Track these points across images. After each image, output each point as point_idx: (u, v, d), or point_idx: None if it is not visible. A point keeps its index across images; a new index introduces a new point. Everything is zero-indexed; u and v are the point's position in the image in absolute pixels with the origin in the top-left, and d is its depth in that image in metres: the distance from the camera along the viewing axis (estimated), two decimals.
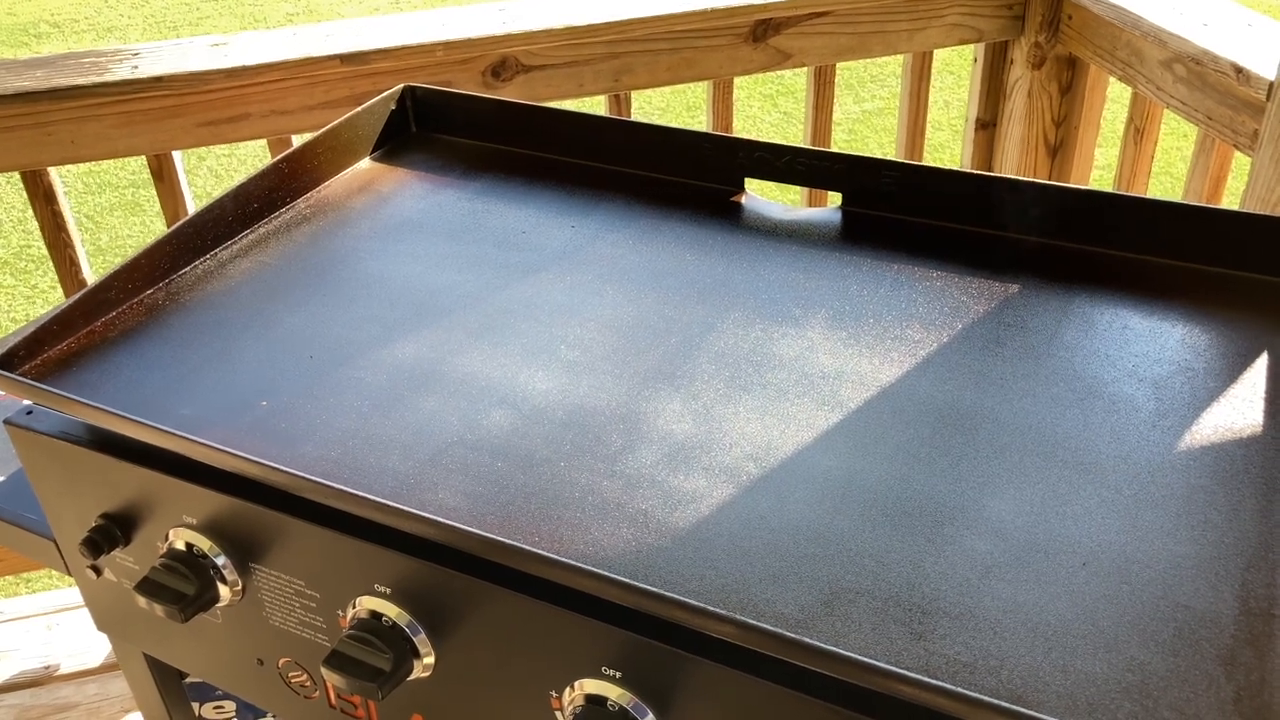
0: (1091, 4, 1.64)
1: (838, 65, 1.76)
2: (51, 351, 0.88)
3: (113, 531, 0.84)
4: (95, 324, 0.91)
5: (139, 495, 0.82)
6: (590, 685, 0.67)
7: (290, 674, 0.85)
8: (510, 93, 1.59)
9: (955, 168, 1.00)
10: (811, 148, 1.04)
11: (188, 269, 0.99)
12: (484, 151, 1.18)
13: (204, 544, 0.79)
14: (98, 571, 0.89)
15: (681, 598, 0.60)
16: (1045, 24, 1.73)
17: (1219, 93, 1.43)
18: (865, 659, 0.57)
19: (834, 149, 1.08)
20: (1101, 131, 1.87)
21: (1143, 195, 0.95)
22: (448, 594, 0.71)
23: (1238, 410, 0.77)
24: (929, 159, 4.32)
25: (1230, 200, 1.81)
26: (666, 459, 0.75)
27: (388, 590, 0.73)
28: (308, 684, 0.85)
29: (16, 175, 1.53)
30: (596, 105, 1.75)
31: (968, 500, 0.71)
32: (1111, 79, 1.73)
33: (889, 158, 1.02)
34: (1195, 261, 0.93)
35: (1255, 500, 0.70)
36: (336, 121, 1.12)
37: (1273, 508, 0.69)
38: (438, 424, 0.79)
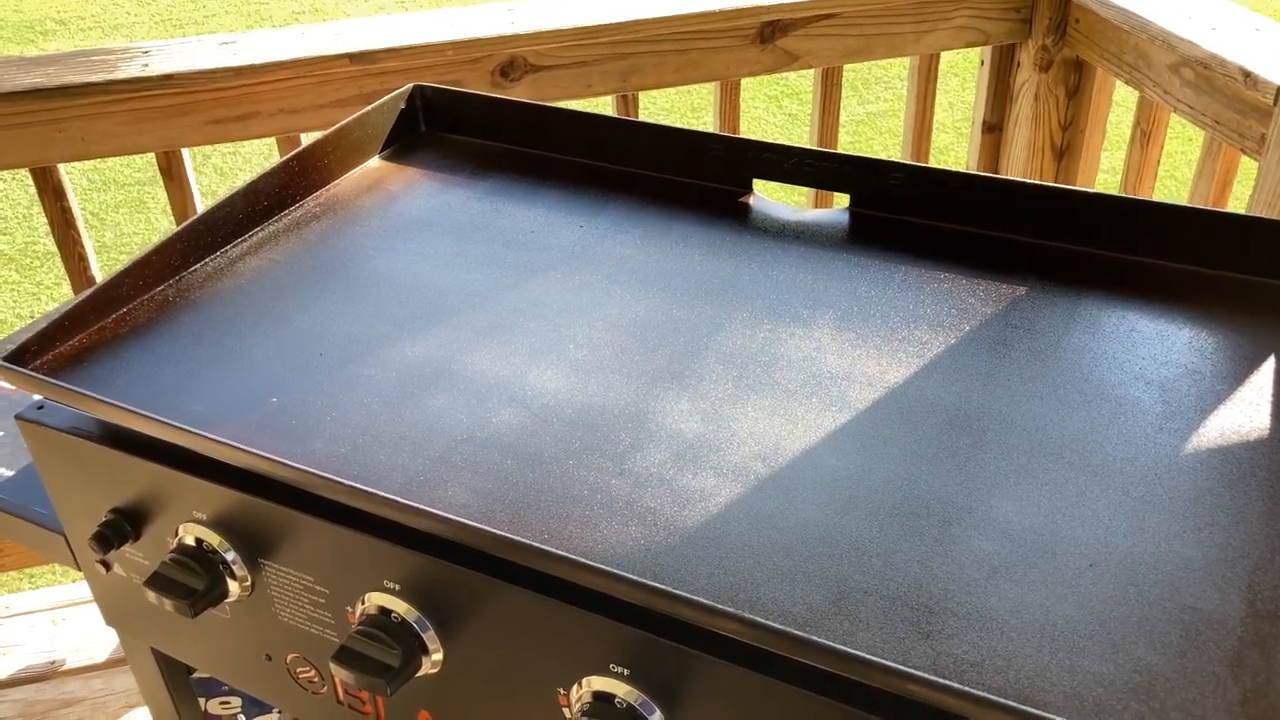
0: (1099, 7, 1.64)
1: (843, 67, 1.76)
2: (63, 347, 0.88)
3: (123, 526, 0.84)
4: (106, 320, 0.92)
5: (149, 490, 0.82)
6: (598, 682, 0.68)
7: (298, 669, 0.85)
8: (519, 93, 1.60)
9: (963, 170, 1.00)
10: (819, 149, 1.04)
11: (198, 266, 0.99)
12: (493, 151, 1.18)
13: (214, 539, 0.80)
14: (107, 566, 0.90)
15: (690, 595, 0.61)
16: (1052, 27, 1.73)
17: (1226, 97, 1.43)
18: (873, 658, 0.57)
19: (839, 150, 1.08)
20: (1108, 135, 1.87)
21: (1150, 198, 0.95)
22: (456, 590, 0.71)
23: (1244, 413, 0.78)
24: (934, 161, 4.32)
25: (1236, 205, 1.81)
26: (675, 458, 0.76)
27: (397, 586, 0.74)
28: (316, 680, 0.85)
29: (21, 171, 1.53)
30: (604, 105, 1.75)
31: (975, 501, 0.71)
32: (1119, 82, 1.73)
33: (896, 159, 1.02)
34: (1202, 265, 0.93)
35: (1262, 503, 0.70)
36: (346, 120, 1.12)
37: (1279, 510, 0.69)
38: (447, 422, 0.80)
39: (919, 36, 1.73)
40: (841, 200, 1.06)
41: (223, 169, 4.63)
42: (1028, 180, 0.98)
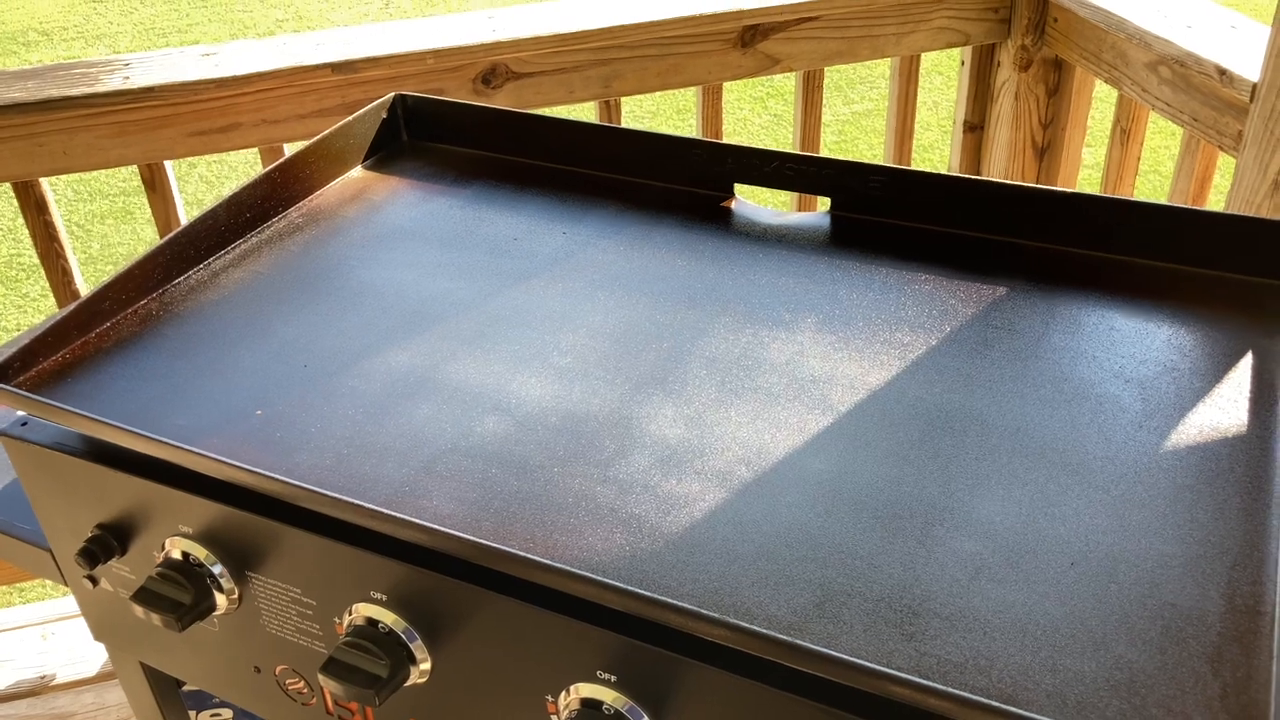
0: (1077, 7, 1.65)
1: (826, 68, 1.77)
2: (46, 363, 0.88)
3: (109, 542, 0.84)
4: (89, 335, 0.91)
5: (134, 505, 0.82)
6: (586, 689, 0.68)
7: (287, 681, 0.85)
8: (501, 100, 1.60)
9: (943, 171, 1.01)
10: (800, 153, 1.05)
11: (181, 279, 0.99)
12: (475, 159, 1.18)
13: (200, 553, 0.80)
14: (94, 582, 0.90)
15: (675, 601, 0.61)
16: (1031, 27, 1.74)
17: (1203, 94, 1.45)
18: (857, 660, 0.57)
19: (824, 151, 1.09)
20: (1089, 131, 1.88)
21: (1129, 197, 0.96)
22: (443, 600, 0.71)
23: (1223, 410, 0.78)
24: (917, 160, 4.33)
25: (1216, 200, 1.82)
26: (659, 464, 0.76)
27: (384, 597, 0.74)
28: (305, 691, 0.85)
29: (7, 185, 1.53)
30: (587, 111, 1.76)
31: (957, 502, 0.72)
32: (1098, 81, 1.74)
33: (877, 162, 1.03)
34: (1180, 263, 0.94)
35: (1240, 499, 0.71)
36: (328, 130, 1.12)
37: (1258, 506, 0.70)
38: (431, 431, 0.80)
39: (899, 38, 1.74)
40: (824, 203, 1.06)
41: (208, 178, 4.62)
42: (1006, 181, 0.98)
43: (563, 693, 0.69)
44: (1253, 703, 0.58)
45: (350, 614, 0.75)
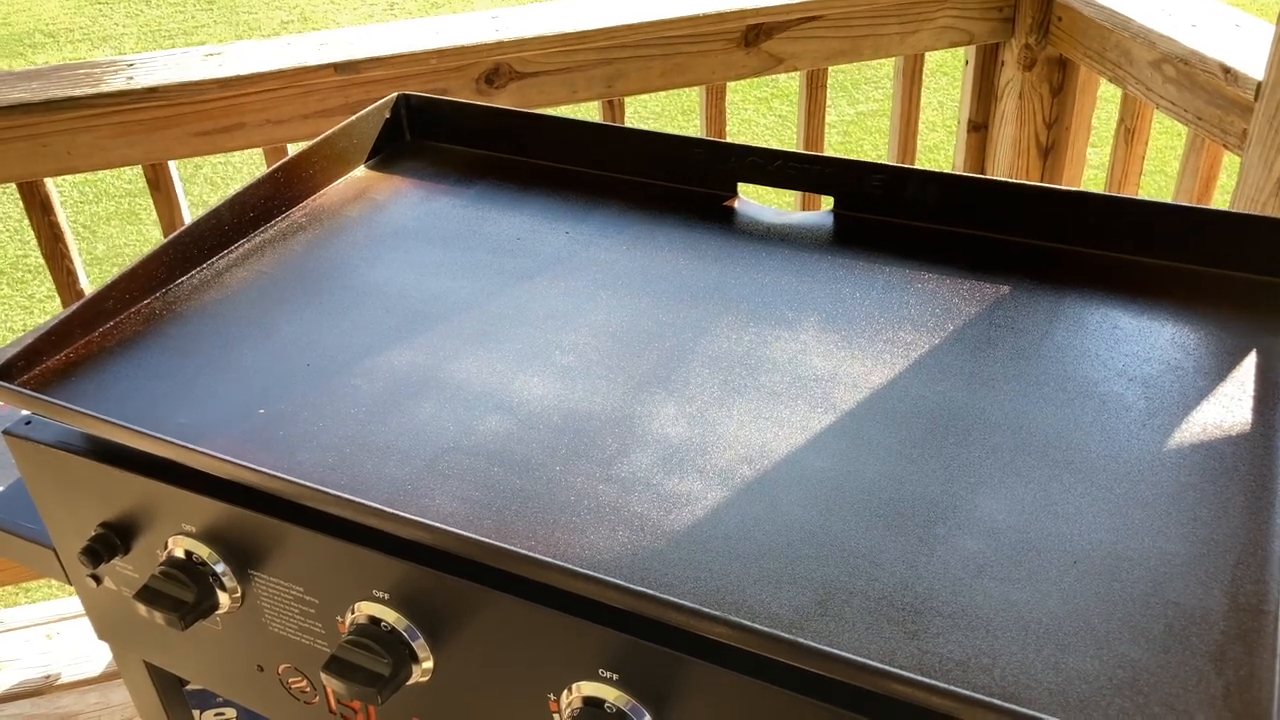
0: (1081, 6, 1.65)
1: (831, 68, 1.77)
2: (50, 362, 0.88)
3: (112, 540, 0.84)
4: (93, 334, 0.92)
5: (138, 504, 0.82)
6: (588, 687, 0.68)
7: (290, 680, 0.85)
8: (504, 100, 1.60)
9: (946, 170, 1.01)
10: (803, 152, 1.04)
11: (185, 278, 0.99)
12: (478, 159, 1.18)
13: (203, 551, 0.80)
14: (98, 580, 0.90)
15: (677, 600, 0.61)
16: (1035, 26, 1.74)
17: (1208, 93, 1.44)
18: (859, 658, 0.57)
19: (828, 152, 1.09)
20: (1095, 131, 1.88)
21: (1133, 196, 0.96)
22: (446, 599, 0.71)
23: (1226, 408, 0.78)
24: (923, 160, 4.33)
25: (1221, 199, 1.82)
26: (661, 462, 0.76)
27: (386, 595, 0.74)
28: (308, 690, 0.85)
29: (12, 185, 1.53)
30: (590, 111, 1.75)
31: (960, 500, 0.71)
32: (1102, 80, 1.74)
33: (880, 161, 1.03)
34: (1184, 261, 0.94)
35: (1244, 497, 0.70)
36: (331, 130, 1.13)
37: (1261, 505, 0.70)
38: (434, 430, 0.80)
39: (903, 37, 1.74)
40: (827, 202, 1.06)
41: (213, 179, 4.63)
42: (1009, 180, 0.98)
43: (565, 691, 0.69)
44: (1255, 701, 0.58)
45: (353, 612, 0.75)
